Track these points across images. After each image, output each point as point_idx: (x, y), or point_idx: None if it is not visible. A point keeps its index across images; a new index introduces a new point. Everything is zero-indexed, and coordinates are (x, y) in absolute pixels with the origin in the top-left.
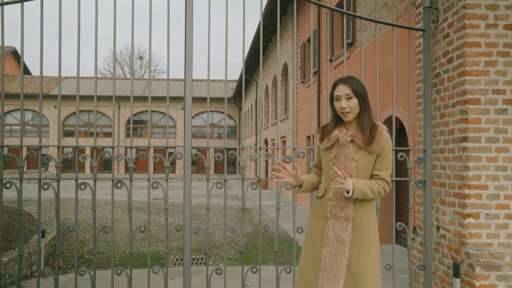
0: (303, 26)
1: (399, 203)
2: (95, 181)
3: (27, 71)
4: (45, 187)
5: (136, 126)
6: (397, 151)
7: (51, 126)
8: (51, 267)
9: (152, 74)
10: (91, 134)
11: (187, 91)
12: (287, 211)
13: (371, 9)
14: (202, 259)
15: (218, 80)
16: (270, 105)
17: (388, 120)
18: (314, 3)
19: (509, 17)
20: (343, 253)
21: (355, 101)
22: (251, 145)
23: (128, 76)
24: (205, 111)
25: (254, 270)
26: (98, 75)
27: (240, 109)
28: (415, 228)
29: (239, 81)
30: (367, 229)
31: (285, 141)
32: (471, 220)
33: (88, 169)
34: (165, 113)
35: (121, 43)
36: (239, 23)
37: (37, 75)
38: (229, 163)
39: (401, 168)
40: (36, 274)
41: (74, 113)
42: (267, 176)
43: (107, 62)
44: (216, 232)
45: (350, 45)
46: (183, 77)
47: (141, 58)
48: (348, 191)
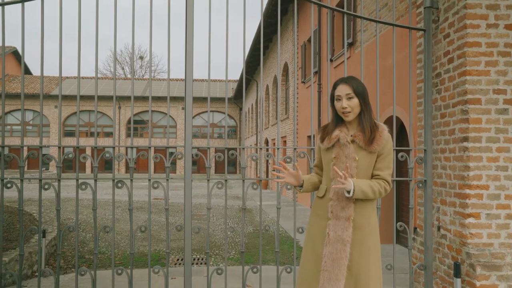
0: (303, 26)
1: (400, 203)
2: (95, 181)
3: (27, 71)
4: (46, 187)
5: (136, 126)
6: (398, 151)
7: (51, 126)
8: (52, 267)
9: (152, 74)
10: (92, 134)
11: (188, 91)
12: (288, 211)
13: (371, 9)
14: (202, 259)
15: (218, 80)
16: (270, 105)
17: (388, 120)
18: (314, 3)
19: (509, 17)
20: (344, 253)
21: (355, 101)
22: (251, 145)
23: (128, 76)
24: (206, 111)
25: (254, 270)
26: (98, 75)
27: (240, 109)
28: (415, 228)
29: (240, 81)
30: (368, 229)
31: (285, 141)
32: (472, 220)
33: (88, 169)
34: (165, 113)
35: (121, 43)
36: (239, 23)
37: (37, 75)
38: (230, 163)
39: (401, 168)
40: (37, 274)
41: (74, 113)
42: (267, 176)
43: (107, 62)
44: (216, 232)
45: (350, 45)
46: (183, 77)
47: (141, 58)
48: (349, 191)
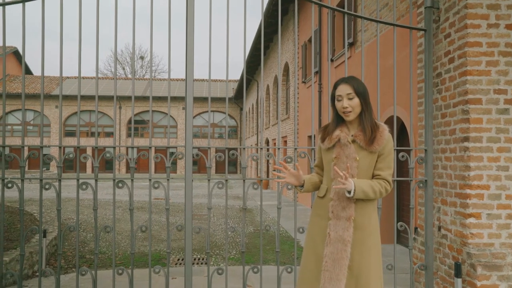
0: (304, 26)
1: (401, 203)
2: (96, 181)
3: (28, 71)
4: (47, 187)
5: (137, 126)
6: (399, 151)
7: (52, 126)
8: (53, 267)
9: (153, 74)
10: (93, 134)
11: (188, 91)
12: (288, 211)
13: (372, 9)
14: (203, 259)
15: (219, 80)
16: (271, 105)
17: (389, 120)
18: (315, 3)
19: (510, 16)
20: (345, 253)
21: (356, 100)
22: (252, 145)
23: (129, 76)
24: (206, 111)
25: (255, 270)
26: (99, 75)
27: (241, 109)
28: (416, 228)
29: (240, 81)
30: (368, 229)
31: (286, 141)
32: (472, 220)
33: (89, 169)
34: (166, 113)
35: (122, 43)
36: (240, 23)
37: (38, 75)
38: (230, 163)
39: (402, 168)
40: (37, 273)
41: (75, 113)
42: (268, 176)
43: (108, 62)
44: (217, 232)
45: (351, 45)
46: (184, 77)
47: (142, 58)
48: (349, 191)
